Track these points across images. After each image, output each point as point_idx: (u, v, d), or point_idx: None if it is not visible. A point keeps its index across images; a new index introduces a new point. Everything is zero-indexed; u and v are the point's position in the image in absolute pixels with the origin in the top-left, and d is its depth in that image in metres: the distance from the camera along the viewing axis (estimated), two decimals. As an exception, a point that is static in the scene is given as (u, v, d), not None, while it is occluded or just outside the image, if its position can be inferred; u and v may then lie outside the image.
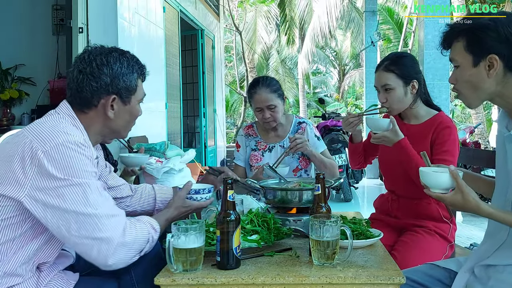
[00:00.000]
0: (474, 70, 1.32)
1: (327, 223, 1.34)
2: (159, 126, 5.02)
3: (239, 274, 1.31)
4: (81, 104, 1.43)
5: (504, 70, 1.29)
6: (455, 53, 1.36)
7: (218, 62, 8.40)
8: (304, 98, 17.98)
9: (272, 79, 2.48)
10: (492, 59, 1.28)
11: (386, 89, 2.01)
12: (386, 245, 1.66)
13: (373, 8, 9.05)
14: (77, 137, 1.33)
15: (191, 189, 1.67)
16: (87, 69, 1.41)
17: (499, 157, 1.45)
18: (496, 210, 1.30)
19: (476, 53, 1.30)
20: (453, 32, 1.36)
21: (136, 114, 1.54)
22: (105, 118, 1.45)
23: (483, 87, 1.32)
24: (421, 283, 1.51)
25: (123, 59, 1.46)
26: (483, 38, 1.28)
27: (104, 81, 1.42)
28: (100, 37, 3.65)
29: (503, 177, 1.41)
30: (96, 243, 1.28)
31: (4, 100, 4.50)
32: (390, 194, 2.15)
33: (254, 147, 2.52)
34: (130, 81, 1.46)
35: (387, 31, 16.85)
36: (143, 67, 1.55)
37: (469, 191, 1.29)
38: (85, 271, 1.58)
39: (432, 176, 1.35)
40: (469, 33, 1.31)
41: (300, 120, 2.54)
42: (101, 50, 1.46)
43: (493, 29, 1.27)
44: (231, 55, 17.39)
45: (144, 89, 1.56)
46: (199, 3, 7.05)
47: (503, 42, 1.26)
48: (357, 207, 5.87)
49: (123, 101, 1.46)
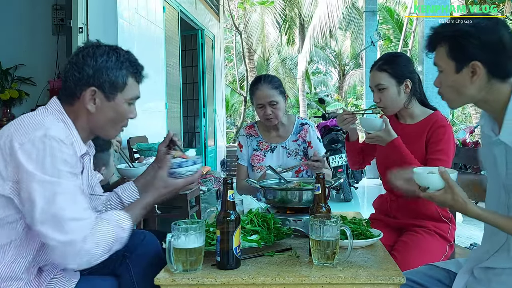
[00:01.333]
0: (457, 76, 1.31)
1: (327, 223, 1.35)
2: (159, 126, 5.02)
3: (239, 274, 1.31)
4: (67, 95, 1.41)
5: (487, 76, 1.28)
6: (438, 58, 1.36)
7: (218, 62, 8.40)
8: (304, 98, 17.98)
9: (274, 77, 2.49)
10: (475, 66, 1.27)
11: (379, 89, 2.02)
12: (386, 245, 1.66)
13: (373, 8, 9.05)
14: (58, 133, 1.30)
15: (172, 163, 1.52)
16: (73, 59, 1.40)
17: (488, 161, 1.45)
18: (484, 211, 1.31)
19: (459, 60, 1.30)
20: (436, 37, 1.36)
21: (123, 114, 1.46)
22: (88, 111, 1.41)
23: (466, 92, 1.32)
24: (421, 283, 1.51)
25: (112, 54, 1.42)
26: (465, 45, 1.27)
27: (86, 72, 1.38)
28: (100, 37, 3.61)
29: (494, 181, 1.41)
30: (59, 244, 1.25)
31: (4, 100, 4.51)
32: (389, 194, 2.15)
33: (256, 147, 2.52)
34: (115, 77, 1.41)
35: (387, 31, 16.85)
36: (138, 67, 1.48)
37: (459, 191, 1.29)
38: (86, 270, 1.58)
39: (424, 177, 1.36)
40: (451, 40, 1.30)
41: (303, 122, 2.53)
42: (95, 43, 1.44)
43: (475, 35, 1.26)
44: (231, 55, 17.39)
45: (139, 91, 1.51)
46: (199, 3, 7.05)
47: (485, 48, 1.25)
48: (357, 207, 5.88)
49: (106, 96, 1.41)
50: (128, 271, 1.54)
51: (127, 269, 1.55)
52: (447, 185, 1.30)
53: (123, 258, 1.57)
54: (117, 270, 1.57)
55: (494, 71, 1.27)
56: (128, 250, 1.56)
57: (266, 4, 14.92)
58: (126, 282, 1.54)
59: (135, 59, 1.49)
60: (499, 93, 1.30)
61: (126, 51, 1.47)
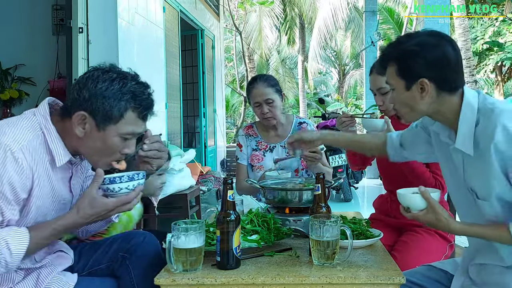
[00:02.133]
0: (407, 93, 1.35)
1: (327, 223, 1.35)
2: (159, 126, 5.02)
3: (239, 274, 1.31)
4: (63, 110, 1.37)
5: (436, 91, 1.33)
6: (389, 77, 1.40)
7: (218, 62, 8.40)
8: (304, 98, 17.99)
9: (269, 76, 2.53)
10: (423, 83, 1.32)
11: (381, 92, 2.02)
12: (386, 245, 1.66)
13: (373, 8, 9.05)
14: (21, 141, 1.26)
15: (104, 178, 1.31)
16: (81, 77, 1.35)
17: (446, 167, 1.49)
18: (469, 225, 1.35)
19: (407, 79, 1.34)
20: (385, 57, 1.41)
21: (112, 147, 1.35)
22: (76, 134, 1.33)
23: (418, 108, 1.36)
24: (420, 284, 1.52)
25: (116, 83, 1.32)
26: (411, 65, 1.32)
27: (83, 95, 1.31)
28: (100, 37, 3.66)
29: (457, 185, 1.44)
30: None
31: (4, 100, 4.51)
32: (389, 194, 2.15)
33: (255, 147, 2.53)
34: (111, 107, 1.30)
35: (387, 31, 16.85)
36: (143, 101, 1.35)
37: (440, 211, 1.33)
38: (84, 272, 1.58)
39: (407, 198, 1.39)
40: (398, 59, 1.35)
41: (301, 120, 2.55)
42: (107, 68, 1.36)
43: (420, 54, 1.30)
44: (231, 55, 17.39)
45: (142, 128, 1.39)
46: (199, 3, 7.05)
47: (431, 66, 1.30)
48: (357, 207, 5.88)
49: (96, 125, 1.32)
50: (128, 272, 1.54)
51: (127, 270, 1.54)
52: (429, 204, 1.34)
53: (122, 260, 1.56)
54: (117, 272, 1.57)
55: (442, 86, 1.32)
56: (128, 252, 1.56)
57: (266, 4, 14.92)
58: (126, 283, 1.54)
59: (144, 93, 1.36)
60: (450, 104, 1.34)
61: (137, 82, 1.36)
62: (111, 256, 1.59)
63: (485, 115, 1.29)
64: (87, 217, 1.31)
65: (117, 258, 1.57)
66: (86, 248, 1.64)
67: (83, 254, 1.61)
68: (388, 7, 17.14)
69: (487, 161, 1.25)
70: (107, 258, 1.59)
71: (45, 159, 1.33)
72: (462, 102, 1.33)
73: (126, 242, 1.59)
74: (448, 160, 1.44)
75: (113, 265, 1.58)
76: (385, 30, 16.46)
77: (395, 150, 1.71)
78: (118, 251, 1.58)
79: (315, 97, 19.41)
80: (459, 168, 1.39)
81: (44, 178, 1.33)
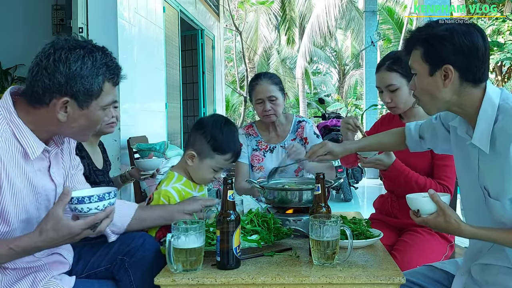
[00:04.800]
0: (430, 79, 1.34)
1: (327, 223, 1.35)
2: (159, 126, 5.02)
3: (239, 274, 1.31)
4: (32, 98, 1.28)
5: (459, 80, 1.31)
6: (413, 61, 1.39)
7: (218, 62, 8.41)
8: (304, 98, 17.99)
9: (273, 74, 2.54)
10: (447, 69, 1.30)
11: (391, 90, 2.00)
12: (386, 245, 1.66)
13: (373, 8, 9.05)
14: None
15: (72, 197, 1.18)
16: (43, 62, 1.25)
17: (460, 162, 1.48)
18: (480, 229, 1.31)
19: (432, 63, 1.33)
20: (412, 40, 1.39)
21: (96, 121, 1.35)
22: (57, 119, 1.28)
23: (439, 96, 1.34)
24: (420, 284, 1.52)
25: (87, 59, 1.27)
26: (438, 49, 1.31)
27: (58, 80, 1.24)
28: (100, 37, 3.65)
29: (468, 181, 1.43)
30: None
31: (4, 100, 4.51)
32: (390, 194, 2.15)
33: (255, 147, 2.53)
34: (90, 85, 1.28)
35: (387, 31, 16.86)
36: (115, 69, 1.34)
37: (450, 213, 1.31)
38: (83, 274, 1.56)
39: (415, 201, 1.38)
40: (426, 43, 1.34)
41: (300, 119, 2.55)
42: (66, 43, 1.29)
43: (449, 40, 1.29)
44: (231, 55, 17.39)
45: (115, 94, 1.39)
46: (199, 3, 7.06)
47: (458, 53, 1.29)
48: (357, 207, 5.88)
49: (79, 105, 1.29)
50: (127, 275, 1.52)
51: (126, 273, 1.52)
52: (438, 207, 1.32)
53: (122, 263, 1.54)
54: (116, 275, 1.55)
55: (466, 75, 1.30)
56: (127, 255, 1.54)
57: (266, 4, 14.94)
58: (125, 284, 1.53)
59: (113, 60, 1.35)
60: (471, 98, 1.33)
61: (103, 52, 1.33)
62: (110, 259, 1.56)
63: (505, 113, 1.27)
64: (49, 241, 1.19)
65: (116, 261, 1.55)
66: (85, 249, 1.61)
67: (82, 256, 1.59)
68: (388, 7, 17.14)
69: (504, 161, 1.23)
70: (106, 261, 1.57)
71: (16, 154, 1.27)
72: (483, 97, 1.31)
73: (125, 245, 1.56)
74: (464, 155, 1.42)
75: (112, 267, 1.55)
76: (385, 30, 16.46)
77: (415, 143, 1.71)
78: (118, 253, 1.55)
79: (315, 97, 19.43)
80: (474, 164, 1.37)
81: (17, 173, 1.27)
